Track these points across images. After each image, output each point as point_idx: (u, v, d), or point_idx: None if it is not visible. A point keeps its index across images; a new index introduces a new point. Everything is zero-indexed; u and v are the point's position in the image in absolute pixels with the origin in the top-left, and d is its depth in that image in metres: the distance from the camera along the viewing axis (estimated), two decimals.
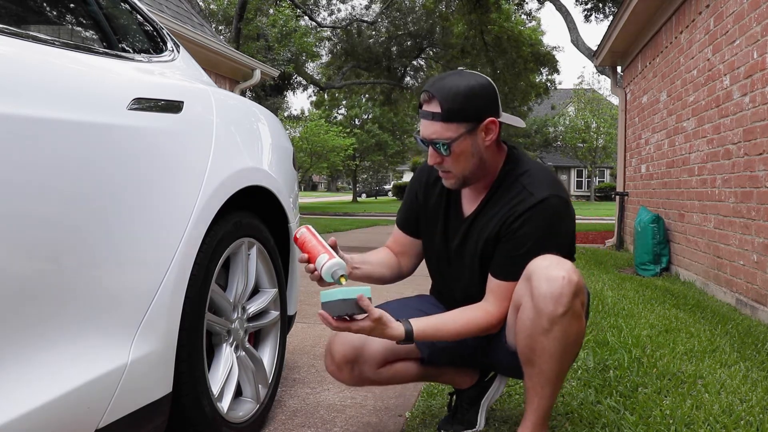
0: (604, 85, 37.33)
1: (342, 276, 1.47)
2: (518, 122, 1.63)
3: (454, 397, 1.87)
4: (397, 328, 1.48)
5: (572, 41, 14.05)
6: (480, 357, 1.75)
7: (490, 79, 1.56)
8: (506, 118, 1.58)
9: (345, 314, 1.43)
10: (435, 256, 1.76)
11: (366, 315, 1.43)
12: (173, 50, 1.93)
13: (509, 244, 1.56)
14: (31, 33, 1.27)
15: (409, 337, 1.49)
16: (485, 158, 1.57)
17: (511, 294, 1.55)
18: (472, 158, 1.55)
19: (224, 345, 1.71)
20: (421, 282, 2.25)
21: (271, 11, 18.57)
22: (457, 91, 1.48)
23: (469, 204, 1.67)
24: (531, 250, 1.51)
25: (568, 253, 1.61)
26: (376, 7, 22.48)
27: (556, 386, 1.53)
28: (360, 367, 1.67)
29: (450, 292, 1.77)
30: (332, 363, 1.68)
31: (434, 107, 1.50)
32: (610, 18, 15.98)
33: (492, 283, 1.59)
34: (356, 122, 37.27)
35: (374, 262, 1.75)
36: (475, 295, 1.64)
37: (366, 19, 22.50)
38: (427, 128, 1.52)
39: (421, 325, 1.51)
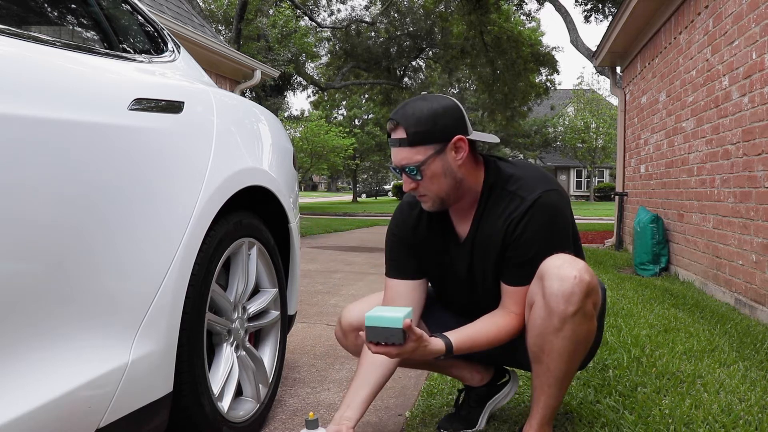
0: (603, 85, 37.33)
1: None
2: (491, 138, 1.61)
3: (462, 393, 1.87)
4: (437, 343, 1.49)
5: (572, 42, 14.06)
6: (494, 351, 1.74)
7: (455, 100, 1.55)
8: (477, 135, 1.57)
9: (386, 341, 1.40)
10: (450, 286, 1.74)
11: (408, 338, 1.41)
12: (174, 51, 1.93)
13: (516, 252, 1.56)
14: (32, 33, 1.28)
15: (449, 351, 1.50)
16: (460, 177, 1.56)
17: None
18: (445, 178, 1.54)
19: (225, 345, 1.71)
20: None
21: (272, 12, 18.57)
22: (420, 114, 1.50)
23: (461, 226, 1.65)
24: (539, 252, 1.52)
25: (574, 241, 1.61)
26: (376, 8, 22.48)
27: (563, 385, 1.54)
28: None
29: (465, 311, 1.73)
30: (340, 329, 1.75)
31: (400, 134, 1.51)
32: (610, 19, 16.00)
33: (507, 289, 1.59)
34: (356, 123, 37.28)
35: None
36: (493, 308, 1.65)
37: (366, 19, 22.50)
38: (396, 155, 1.54)
39: (458, 337, 1.52)
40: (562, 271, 1.44)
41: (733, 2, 4.02)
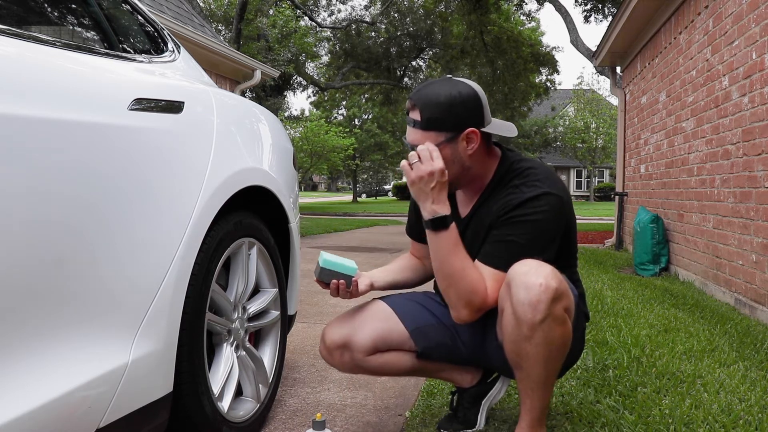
0: (603, 85, 37.33)
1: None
2: (508, 131, 1.62)
3: (455, 396, 1.88)
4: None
5: (572, 42, 14.06)
6: (478, 355, 1.76)
7: (477, 88, 1.57)
8: (494, 127, 1.59)
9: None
10: None
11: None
12: (174, 51, 1.93)
13: (497, 231, 1.56)
14: (32, 33, 1.28)
15: (441, 223, 1.52)
16: (469, 165, 1.59)
17: (498, 282, 1.53)
18: (453, 165, 1.56)
19: (225, 345, 1.71)
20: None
21: (272, 12, 18.57)
22: (437, 101, 1.52)
23: (463, 207, 1.71)
24: (516, 241, 1.52)
25: (569, 245, 1.62)
26: (376, 8, 22.49)
27: (546, 388, 1.55)
28: (350, 353, 1.69)
29: None
30: (324, 348, 1.73)
31: (415, 115, 1.55)
32: (610, 19, 15.99)
33: (480, 267, 1.57)
34: (356, 123, 37.28)
35: (395, 269, 1.84)
36: None
37: (366, 19, 22.50)
38: (410, 134, 1.58)
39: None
40: (528, 279, 1.44)
41: (733, 2, 4.02)
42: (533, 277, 1.44)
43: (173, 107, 1.54)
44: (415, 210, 1.84)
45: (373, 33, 22.24)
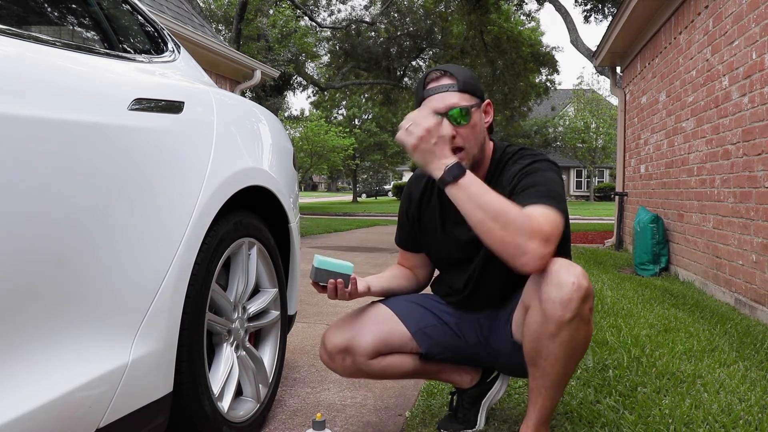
0: (603, 85, 37.32)
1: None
2: None
3: (455, 396, 1.88)
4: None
5: (572, 42, 14.06)
6: (482, 355, 1.76)
7: None
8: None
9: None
10: (446, 256, 1.77)
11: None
12: (174, 51, 1.93)
13: (515, 191, 1.54)
14: (32, 33, 1.28)
15: (458, 170, 1.46)
16: (483, 139, 1.65)
17: (543, 214, 1.43)
18: (480, 134, 1.63)
19: (225, 345, 1.71)
20: None
21: (272, 12, 18.57)
22: (465, 72, 1.63)
23: None
24: (536, 186, 1.52)
25: (562, 244, 1.58)
26: (376, 8, 22.48)
27: (560, 387, 1.54)
28: (352, 357, 1.67)
29: (464, 297, 1.76)
30: (325, 352, 1.71)
31: (449, 80, 1.59)
32: (610, 19, 15.98)
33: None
34: (356, 123, 37.27)
35: (389, 276, 1.84)
36: (497, 289, 1.70)
37: (366, 19, 22.50)
38: (442, 100, 1.57)
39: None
40: (560, 277, 1.42)
41: (733, 2, 4.02)
42: (565, 276, 1.42)
43: (173, 107, 1.54)
44: (406, 214, 1.83)
45: (373, 33, 22.23)
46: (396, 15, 21.90)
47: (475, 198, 1.43)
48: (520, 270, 1.42)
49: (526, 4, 18.87)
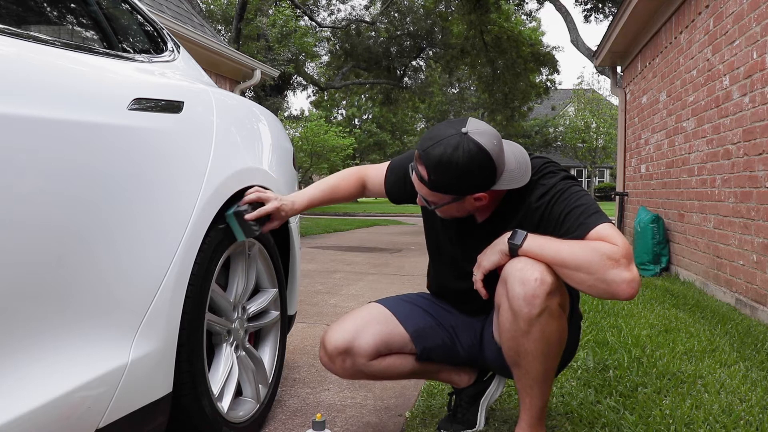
0: (603, 85, 37.34)
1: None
2: (519, 182, 1.53)
3: (454, 397, 1.88)
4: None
5: (572, 41, 14.06)
6: (476, 357, 1.76)
7: (491, 146, 1.45)
8: (504, 182, 1.51)
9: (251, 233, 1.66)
10: (449, 265, 1.77)
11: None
12: (173, 50, 1.93)
13: (554, 219, 1.51)
14: (31, 33, 1.28)
15: (512, 239, 1.48)
16: (478, 209, 1.58)
17: (602, 236, 1.43)
18: (459, 212, 1.58)
19: (224, 345, 1.71)
20: (421, 282, 2.26)
21: (271, 11, 18.57)
22: (447, 167, 1.43)
23: (480, 214, 1.65)
24: (577, 206, 1.48)
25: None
26: (376, 8, 22.48)
27: (544, 385, 1.55)
28: (352, 358, 1.67)
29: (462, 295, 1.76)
30: (325, 354, 1.69)
31: (422, 171, 1.48)
32: (610, 18, 15.99)
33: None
34: (356, 123, 37.26)
35: (329, 188, 1.85)
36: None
37: (366, 19, 22.49)
38: (416, 183, 1.54)
39: (538, 240, 1.48)
40: (524, 274, 1.44)
41: (733, 2, 4.02)
42: (529, 272, 1.44)
43: (173, 107, 1.54)
44: (403, 184, 1.76)
45: (373, 33, 22.23)
46: (396, 15, 21.90)
47: (549, 259, 1.44)
48: (624, 299, 1.42)
49: (527, 3, 18.89)
